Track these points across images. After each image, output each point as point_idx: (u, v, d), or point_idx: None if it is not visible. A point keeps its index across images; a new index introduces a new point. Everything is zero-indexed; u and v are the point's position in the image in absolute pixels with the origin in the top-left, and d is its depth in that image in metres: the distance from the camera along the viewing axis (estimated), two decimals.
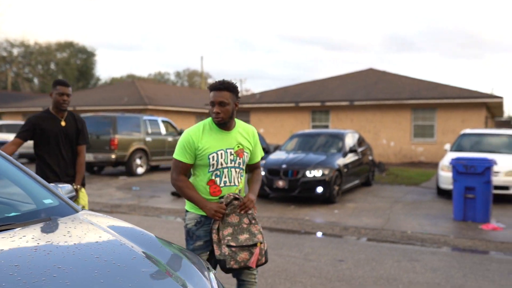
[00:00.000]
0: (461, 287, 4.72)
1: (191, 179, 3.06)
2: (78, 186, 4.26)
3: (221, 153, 2.93)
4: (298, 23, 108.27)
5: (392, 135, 20.07)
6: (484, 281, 4.92)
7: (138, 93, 27.92)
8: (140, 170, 14.80)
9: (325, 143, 11.21)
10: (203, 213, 2.96)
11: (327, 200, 9.62)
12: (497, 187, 9.16)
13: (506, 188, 9.57)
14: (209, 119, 3.03)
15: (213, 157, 2.91)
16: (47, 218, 2.38)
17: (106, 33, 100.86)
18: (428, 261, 5.68)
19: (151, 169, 15.91)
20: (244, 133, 3.07)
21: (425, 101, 19.17)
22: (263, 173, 9.85)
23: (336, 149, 10.80)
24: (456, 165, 8.03)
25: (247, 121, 23.13)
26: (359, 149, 11.59)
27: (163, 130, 16.04)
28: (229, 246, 2.84)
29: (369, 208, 9.18)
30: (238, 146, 2.99)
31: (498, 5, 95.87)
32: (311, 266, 5.39)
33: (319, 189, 9.38)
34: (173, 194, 10.51)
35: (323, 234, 7.21)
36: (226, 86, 2.90)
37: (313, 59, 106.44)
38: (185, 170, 2.98)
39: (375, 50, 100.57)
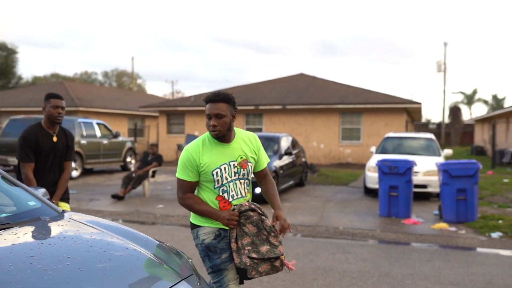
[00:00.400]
0: (387, 274, 5.38)
1: (200, 195, 2.95)
2: (58, 202, 4.15)
3: (225, 167, 2.83)
4: (228, 25, 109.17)
5: (322, 138, 21.10)
6: (406, 268, 5.63)
7: (67, 94, 27.10)
8: (74, 173, 14.60)
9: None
10: (220, 225, 2.85)
11: (264, 200, 10.12)
12: (416, 186, 10.13)
13: (424, 186, 10.60)
14: (208, 133, 2.91)
15: (216, 173, 2.81)
16: (37, 218, 2.65)
17: (28, 29, 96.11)
18: (359, 253, 6.34)
19: (86, 172, 15.72)
20: (246, 141, 2.97)
21: (352, 106, 20.37)
22: None
23: (272, 151, 11.37)
24: (381, 166, 8.85)
25: (182, 124, 23.31)
26: (293, 152, 12.26)
27: (98, 132, 15.92)
28: (250, 257, 2.76)
29: (304, 207, 9.83)
30: (241, 157, 2.89)
31: (413, 14, 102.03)
32: None
33: (257, 190, 9.86)
34: (113, 197, 10.59)
35: None
36: (222, 98, 2.81)
37: (244, 62, 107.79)
38: (190, 188, 2.88)
39: (304, 54, 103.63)
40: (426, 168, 10.58)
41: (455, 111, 46.80)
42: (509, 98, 66.67)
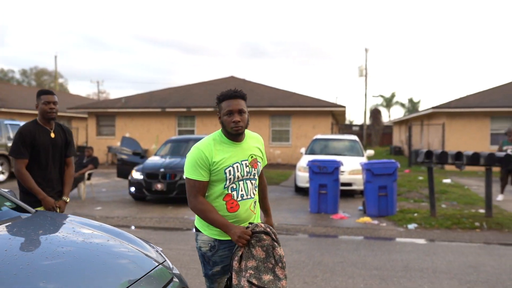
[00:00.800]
0: (320, 263, 6.00)
1: (206, 196, 2.84)
2: (68, 199, 4.17)
3: (237, 166, 2.77)
4: (153, 24, 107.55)
5: None
6: (336, 257, 6.29)
7: None
8: (1, 177, 14.14)
9: None
10: (217, 236, 2.78)
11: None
12: (343, 184, 10.97)
13: (349, 184, 11.49)
14: (218, 132, 2.86)
15: (229, 171, 2.74)
16: (18, 216, 2.92)
17: None
18: (293, 246, 6.93)
19: (13, 176, 15.22)
20: (254, 141, 2.94)
21: (282, 108, 21.22)
22: (141, 176, 10.43)
23: None
24: (312, 166, 9.55)
25: (112, 126, 23.03)
26: None
27: None
28: (250, 282, 2.60)
29: None
30: (252, 157, 2.85)
31: (337, 21, 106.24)
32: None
33: None
34: None
35: None
36: (241, 95, 2.79)
37: (170, 62, 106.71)
38: (202, 189, 2.75)
39: (231, 55, 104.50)
40: (351, 168, 11.46)
41: (375, 113, 49.36)
42: (423, 102, 71.43)
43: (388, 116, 60.75)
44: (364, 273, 5.55)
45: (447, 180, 15.25)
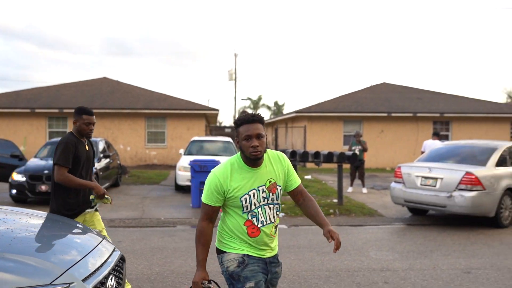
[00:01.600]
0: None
1: (226, 220, 2.87)
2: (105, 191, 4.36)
3: (253, 193, 2.77)
4: (5, 13, 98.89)
5: (128, 141, 22.05)
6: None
7: None
8: None
9: None
10: (245, 251, 2.79)
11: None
12: None
13: None
14: (236, 156, 2.84)
15: (245, 199, 2.75)
16: None
17: None
18: (182, 235, 7.90)
19: None
20: (274, 162, 2.88)
21: (157, 111, 21.86)
22: (23, 178, 10.51)
23: None
24: (193, 165, 10.58)
25: None
26: (110, 154, 13.18)
27: None
28: None
29: (125, 204, 10.96)
30: (270, 181, 2.82)
31: (206, 23, 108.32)
32: None
33: None
34: None
35: None
36: (259, 119, 2.75)
37: (25, 57, 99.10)
38: (212, 213, 2.80)
39: (94, 52, 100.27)
40: None
41: None
42: (287, 105, 76.41)
43: None
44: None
45: (308, 176, 17.35)
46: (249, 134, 2.70)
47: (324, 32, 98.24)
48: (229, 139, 15.38)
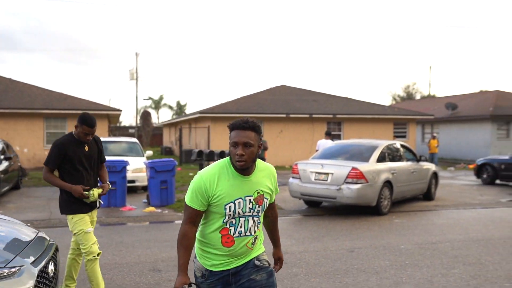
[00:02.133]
0: (121, 242, 7.47)
1: (201, 226, 2.75)
2: (109, 184, 4.80)
3: (239, 202, 2.63)
4: None
5: (25, 142, 21.17)
6: (132, 237, 7.84)
7: None
8: None
9: None
10: (208, 266, 2.73)
11: None
12: (128, 181, 12.45)
13: (133, 181, 13.02)
14: (227, 160, 2.69)
15: (230, 207, 2.61)
16: None
17: None
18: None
19: None
20: (265, 175, 2.77)
21: (57, 111, 21.22)
22: None
23: None
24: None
25: None
26: (11, 156, 12.82)
27: None
28: None
29: (30, 206, 10.86)
30: (258, 193, 2.69)
31: (106, 23, 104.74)
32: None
33: None
34: None
35: None
36: (252, 126, 2.60)
37: None
38: (195, 217, 2.65)
39: None
40: (134, 167, 13.02)
41: (145, 115, 51.20)
42: (189, 105, 76.57)
43: (157, 118, 63.50)
44: (158, 244, 7.29)
45: None
46: (236, 141, 2.58)
47: (226, 34, 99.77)
48: (135, 139, 15.61)
